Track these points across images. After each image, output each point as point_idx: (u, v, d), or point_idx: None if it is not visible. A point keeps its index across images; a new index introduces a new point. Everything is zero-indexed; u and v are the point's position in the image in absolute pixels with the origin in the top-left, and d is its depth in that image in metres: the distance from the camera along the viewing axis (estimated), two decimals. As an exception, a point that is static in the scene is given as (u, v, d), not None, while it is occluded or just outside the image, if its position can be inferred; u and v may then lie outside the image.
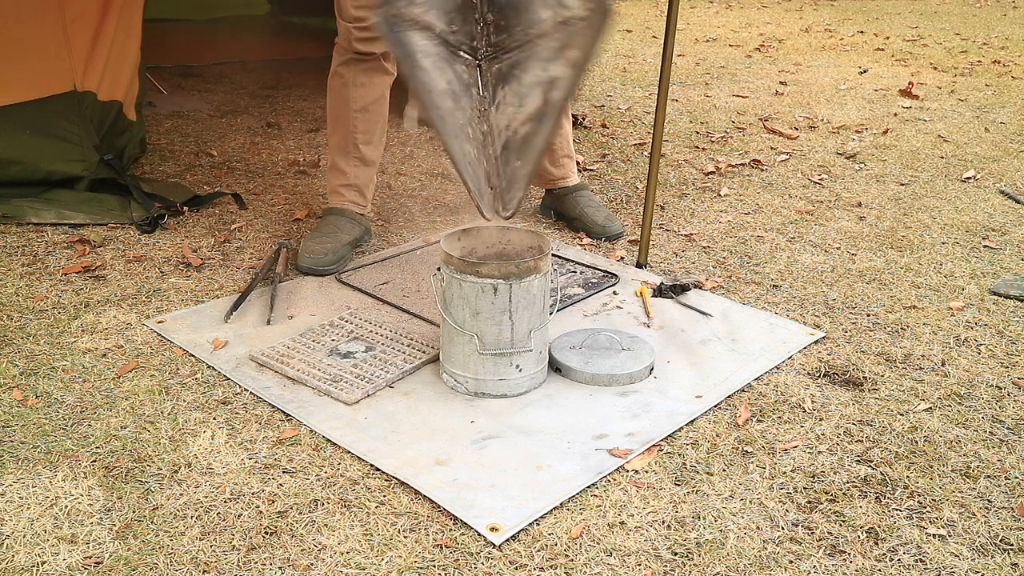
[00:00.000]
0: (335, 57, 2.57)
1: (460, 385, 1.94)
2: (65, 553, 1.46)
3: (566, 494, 1.62)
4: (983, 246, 2.84)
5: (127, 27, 2.98)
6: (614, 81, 5.17)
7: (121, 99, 3.03)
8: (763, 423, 1.87)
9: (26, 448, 1.72)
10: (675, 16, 2.40)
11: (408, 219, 2.96)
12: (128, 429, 1.79)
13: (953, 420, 1.90)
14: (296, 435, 1.78)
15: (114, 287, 2.38)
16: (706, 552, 1.51)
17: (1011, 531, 1.58)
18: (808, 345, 2.19)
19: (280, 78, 4.83)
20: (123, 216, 2.80)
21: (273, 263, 2.50)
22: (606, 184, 3.38)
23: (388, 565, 1.46)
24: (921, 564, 1.49)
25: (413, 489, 1.63)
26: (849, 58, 6.00)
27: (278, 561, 1.46)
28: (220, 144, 3.66)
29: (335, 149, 2.63)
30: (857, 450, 1.79)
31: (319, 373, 1.97)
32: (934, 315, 2.37)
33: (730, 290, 2.49)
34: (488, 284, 1.85)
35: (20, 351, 2.06)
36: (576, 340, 2.12)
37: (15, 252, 2.57)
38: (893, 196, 3.30)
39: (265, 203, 3.03)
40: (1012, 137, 4.14)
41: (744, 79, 5.29)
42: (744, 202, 3.19)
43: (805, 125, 4.27)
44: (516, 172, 2.01)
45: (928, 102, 4.78)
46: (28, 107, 2.78)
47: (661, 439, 1.80)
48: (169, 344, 2.11)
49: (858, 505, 1.63)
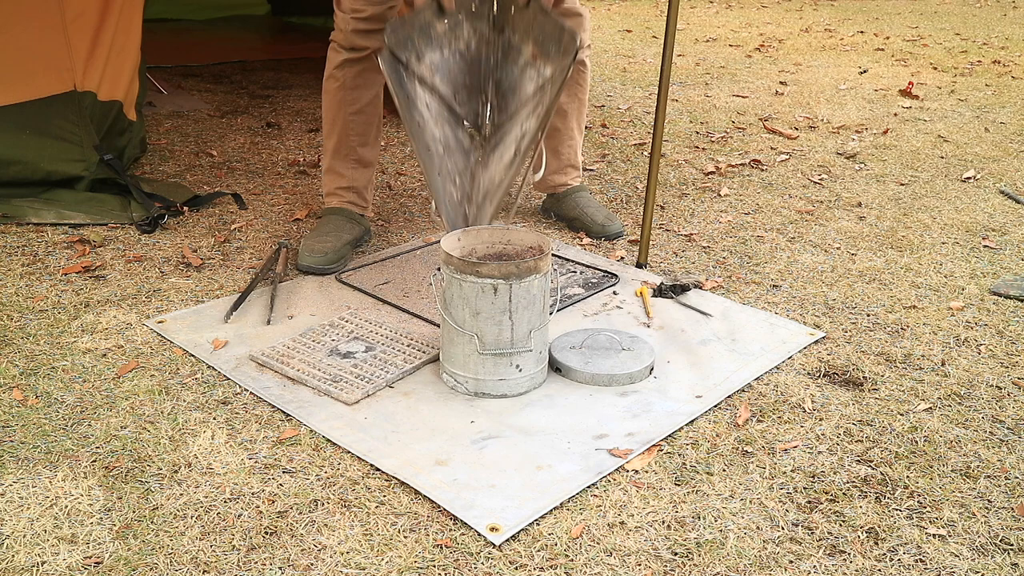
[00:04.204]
0: (329, 58, 2.57)
1: (460, 385, 1.94)
2: (65, 553, 1.46)
3: (566, 494, 1.62)
4: (983, 246, 2.84)
5: (127, 27, 2.98)
6: (614, 81, 5.17)
7: (121, 99, 3.03)
8: (763, 423, 1.87)
9: (26, 448, 1.72)
10: (675, 16, 2.40)
11: (408, 219, 2.96)
12: (128, 429, 1.79)
13: (953, 420, 1.90)
14: (296, 435, 1.78)
15: (114, 287, 2.38)
16: (706, 552, 1.51)
17: (1011, 531, 1.58)
18: (808, 345, 2.19)
19: (280, 78, 4.83)
20: (123, 216, 2.80)
21: (273, 263, 2.50)
22: (606, 184, 3.38)
23: (388, 565, 1.46)
24: (921, 564, 1.49)
25: (413, 489, 1.63)
26: (849, 58, 6.00)
27: (278, 561, 1.46)
28: (220, 144, 3.66)
29: (332, 152, 2.64)
30: (857, 450, 1.79)
31: (319, 373, 1.97)
32: (934, 315, 2.37)
33: (730, 290, 2.49)
34: (488, 284, 1.85)
35: (20, 351, 2.06)
36: (576, 340, 2.12)
37: (15, 252, 2.57)
38: (893, 196, 3.30)
39: (265, 203, 3.03)
40: (1012, 137, 4.14)
41: (744, 79, 5.29)
42: (744, 202, 3.19)
43: (805, 125, 4.27)
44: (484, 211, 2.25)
45: (928, 102, 4.78)
46: (28, 107, 2.78)
47: (661, 439, 1.80)
48: (169, 344, 2.11)
49: (858, 505, 1.63)
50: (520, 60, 2.32)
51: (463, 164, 2.32)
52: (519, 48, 2.31)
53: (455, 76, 2.32)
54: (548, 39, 2.25)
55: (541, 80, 2.27)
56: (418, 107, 2.24)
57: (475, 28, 2.32)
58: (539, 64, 2.28)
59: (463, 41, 2.31)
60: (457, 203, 2.25)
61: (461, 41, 2.31)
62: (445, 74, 2.30)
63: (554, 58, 2.25)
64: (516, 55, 2.32)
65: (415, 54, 2.24)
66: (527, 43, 2.30)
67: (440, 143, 2.28)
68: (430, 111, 2.27)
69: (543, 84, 2.26)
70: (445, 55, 2.30)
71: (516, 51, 2.32)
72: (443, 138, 2.28)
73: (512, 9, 2.30)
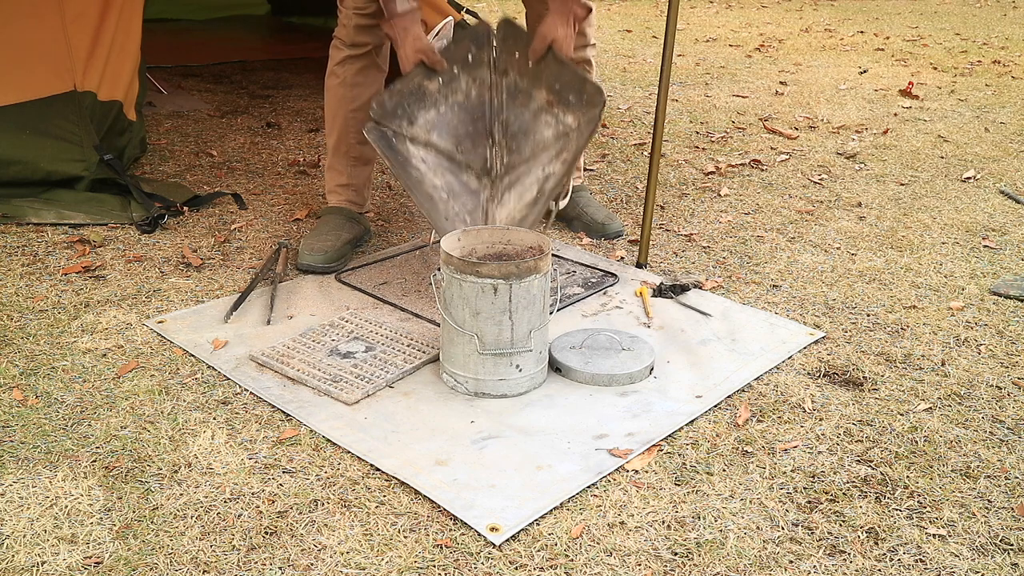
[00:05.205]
0: (331, 55, 2.59)
1: (460, 385, 1.94)
2: (65, 553, 1.46)
3: (566, 494, 1.62)
4: (983, 246, 2.84)
5: (127, 27, 2.98)
6: (614, 81, 5.17)
7: (121, 99, 3.03)
8: (763, 423, 1.87)
9: (26, 448, 1.72)
10: (675, 16, 2.40)
11: (408, 219, 2.96)
12: (128, 429, 1.79)
13: (953, 420, 1.90)
14: (296, 435, 1.78)
15: (114, 287, 2.38)
16: (706, 552, 1.51)
17: (1011, 531, 1.58)
18: (808, 345, 2.19)
19: (280, 78, 4.83)
20: (123, 216, 2.80)
21: (273, 263, 2.50)
22: (606, 184, 3.38)
23: (388, 565, 1.46)
24: (921, 564, 1.49)
25: (413, 489, 1.63)
26: (849, 58, 6.00)
27: (278, 561, 1.46)
28: (220, 144, 3.66)
29: (332, 149, 2.66)
30: (857, 450, 1.79)
31: (319, 373, 1.97)
32: (934, 315, 2.37)
33: (730, 290, 2.49)
34: (488, 284, 1.85)
35: (20, 351, 2.06)
36: (576, 340, 2.12)
37: (15, 252, 2.57)
38: (893, 196, 3.30)
39: (265, 203, 3.03)
40: (1012, 137, 4.14)
41: (744, 79, 5.29)
42: (744, 202, 3.19)
43: (805, 125, 4.27)
44: None
45: (928, 102, 4.78)
46: (28, 107, 2.78)
47: (661, 439, 1.80)
48: (169, 344, 2.11)
49: (858, 505, 1.63)
50: (532, 104, 2.35)
51: (472, 204, 2.35)
52: (529, 92, 2.35)
53: (456, 127, 2.34)
54: (567, 88, 2.29)
55: (562, 127, 2.30)
56: (412, 164, 2.28)
57: (474, 77, 2.35)
58: (557, 112, 2.31)
59: (461, 93, 2.34)
60: None
61: (459, 93, 2.34)
62: (444, 128, 2.33)
63: (575, 108, 2.27)
64: (526, 98, 2.35)
65: (407, 119, 2.28)
66: (539, 88, 2.33)
67: (443, 190, 2.32)
68: (427, 164, 2.30)
69: (566, 132, 2.29)
70: (442, 110, 2.33)
71: (525, 95, 2.35)
72: (445, 185, 2.32)
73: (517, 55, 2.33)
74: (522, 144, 2.37)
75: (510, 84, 2.36)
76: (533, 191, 2.31)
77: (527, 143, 2.36)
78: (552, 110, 2.32)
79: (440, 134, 2.33)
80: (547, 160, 2.32)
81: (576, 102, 2.28)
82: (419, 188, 2.25)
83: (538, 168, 2.33)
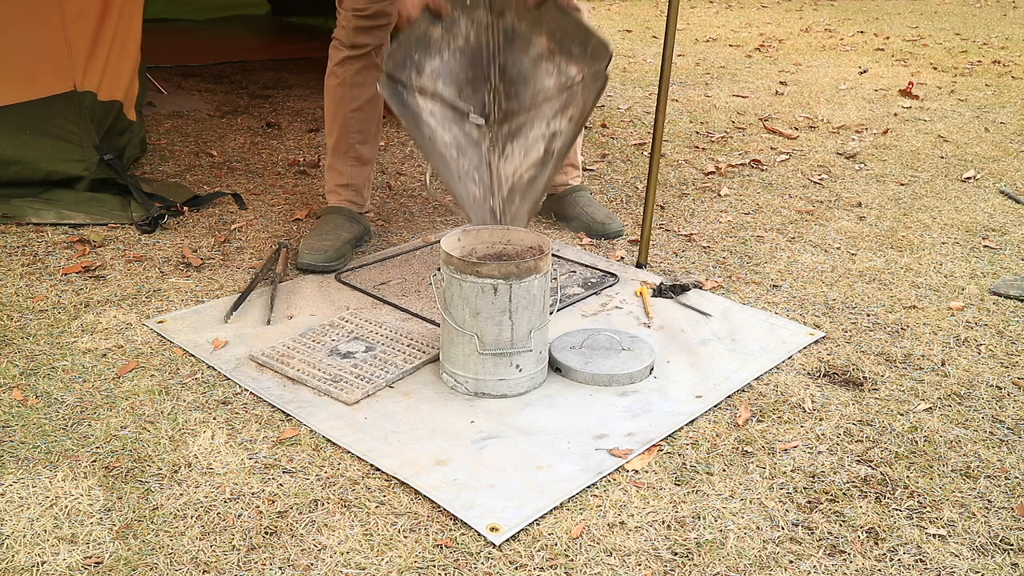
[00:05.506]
0: (331, 56, 2.59)
1: (460, 385, 1.94)
2: (65, 553, 1.46)
3: (566, 494, 1.62)
4: (983, 246, 2.84)
5: (127, 27, 2.98)
6: (614, 81, 5.17)
7: (121, 99, 3.03)
8: (763, 423, 1.87)
9: (26, 448, 1.72)
10: (675, 16, 2.40)
11: (408, 219, 2.96)
12: (128, 429, 1.79)
13: (953, 420, 1.90)
14: (296, 435, 1.78)
15: (114, 287, 2.38)
16: (706, 552, 1.51)
17: (1011, 531, 1.58)
18: (808, 345, 2.19)
19: (280, 78, 4.83)
20: (123, 216, 2.80)
21: (273, 263, 2.50)
22: (606, 184, 3.38)
23: (388, 565, 1.46)
24: (921, 564, 1.49)
25: (413, 489, 1.63)
26: (849, 58, 6.00)
27: (278, 561, 1.46)
28: (220, 144, 3.66)
29: (332, 149, 2.66)
30: (857, 450, 1.79)
31: (319, 373, 1.97)
32: (934, 315, 2.37)
33: (730, 290, 2.49)
34: (488, 284, 1.85)
35: (20, 351, 2.06)
36: (576, 340, 2.12)
37: (15, 252, 2.57)
38: (893, 196, 3.30)
39: (265, 203, 3.03)
40: (1012, 137, 4.14)
41: (744, 79, 5.29)
42: (744, 202, 3.19)
43: (805, 125, 4.27)
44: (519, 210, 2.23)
45: (928, 102, 4.78)
46: (28, 107, 2.78)
47: (661, 439, 1.80)
48: (169, 344, 2.11)
49: (858, 505, 1.63)
50: (531, 50, 2.30)
51: (477, 159, 2.31)
52: (528, 37, 2.30)
53: (457, 74, 2.31)
54: (569, 38, 2.24)
55: (564, 78, 2.26)
56: (423, 119, 2.24)
57: (472, 19, 2.31)
58: (559, 60, 2.27)
59: (462, 37, 2.31)
60: (481, 200, 2.25)
61: (460, 38, 2.31)
62: (447, 76, 2.31)
63: (579, 59, 2.24)
64: (525, 43, 2.30)
65: (415, 69, 2.25)
66: (539, 34, 2.28)
67: (452, 147, 2.29)
68: (436, 118, 2.27)
69: (569, 83, 2.25)
70: (446, 57, 2.30)
71: (524, 39, 2.30)
72: (454, 140, 2.29)
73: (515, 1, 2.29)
74: (521, 90, 2.32)
75: (507, 26, 2.33)
76: (540, 147, 2.27)
77: (526, 90, 2.31)
78: (553, 59, 2.28)
79: (444, 82, 2.30)
80: (551, 113, 2.28)
81: (580, 54, 2.23)
82: (433, 149, 2.22)
83: (542, 121, 2.29)
